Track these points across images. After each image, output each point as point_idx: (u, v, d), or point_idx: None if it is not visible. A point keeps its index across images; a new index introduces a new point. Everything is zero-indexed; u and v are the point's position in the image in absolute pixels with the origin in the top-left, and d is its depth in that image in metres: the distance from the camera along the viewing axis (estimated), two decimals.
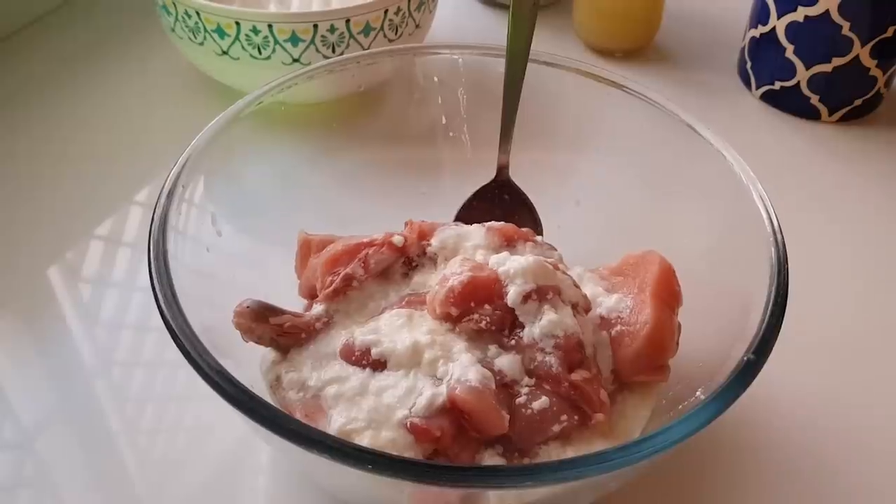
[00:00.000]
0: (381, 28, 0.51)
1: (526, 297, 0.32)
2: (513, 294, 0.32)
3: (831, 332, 0.43)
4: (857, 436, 0.38)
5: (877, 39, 0.53)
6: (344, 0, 0.62)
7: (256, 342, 0.33)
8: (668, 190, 0.40)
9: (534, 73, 0.41)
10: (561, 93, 0.42)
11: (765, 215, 0.32)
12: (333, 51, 0.50)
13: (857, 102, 0.57)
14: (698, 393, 0.29)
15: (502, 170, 0.42)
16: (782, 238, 0.31)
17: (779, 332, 0.28)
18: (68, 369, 0.40)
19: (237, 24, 0.49)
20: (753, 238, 0.32)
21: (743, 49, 0.61)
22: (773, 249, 0.31)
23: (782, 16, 0.55)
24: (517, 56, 0.40)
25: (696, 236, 0.37)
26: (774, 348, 0.28)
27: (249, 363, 0.33)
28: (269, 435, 0.25)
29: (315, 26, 0.49)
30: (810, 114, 0.58)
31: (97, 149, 0.54)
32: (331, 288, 0.34)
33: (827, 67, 0.55)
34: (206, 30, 0.50)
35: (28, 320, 0.42)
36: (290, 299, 0.37)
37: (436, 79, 0.44)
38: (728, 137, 0.37)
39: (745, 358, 0.27)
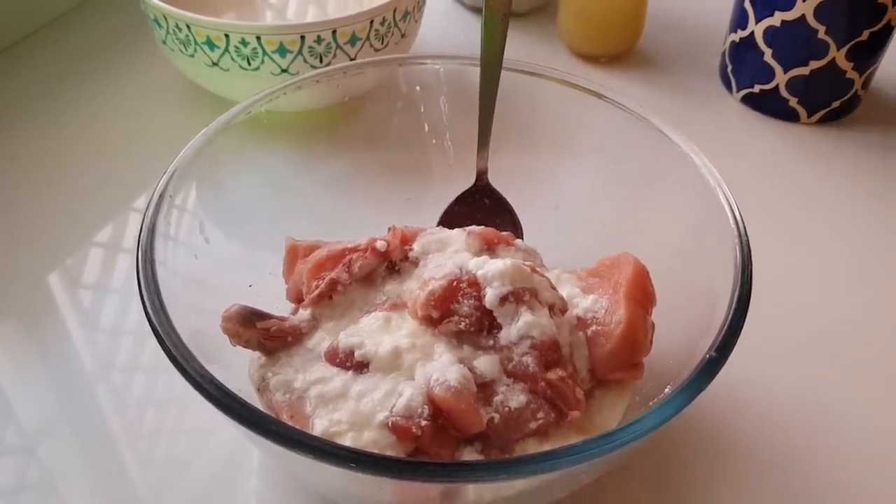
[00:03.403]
0: (368, 38, 0.52)
1: (503, 300, 0.32)
2: (490, 296, 0.33)
3: (808, 330, 0.44)
4: (828, 432, 0.39)
5: (852, 42, 0.54)
6: (339, 9, 0.63)
7: (244, 346, 0.34)
8: (643, 194, 0.41)
9: (514, 82, 0.42)
10: (540, 101, 0.43)
11: (730, 217, 0.33)
12: (321, 61, 0.51)
13: (835, 104, 0.58)
14: (667, 389, 0.30)
15: (481, 175, 0.43)
16: (747, 239, 0.32)
17: (741, 330, 0.29)
18: (69, 374, 0.40)
19: (226, 36, 0.50)
20: (720, 239, 0.33)
21: (724, 53, 0.62)
22: (737, 250, 0.32)
23: (760, 20, 0.57)
24: (490, 64, 0.41)
25: (669, 238, 0.38)
26: (750, 343, 0.29)
27: (238, 367, 0.34)
28: (254, 436, 0.26)
29: (302, 37, 0.50)
30: (789, 116, 0.59)
31: (95, 157, 0.55)
32: (316, 292, 0.35)
33: (804, 70, 0.56)
34: (196, 42, 0.51)
35: (29, 326, 0.43)
36: (278, 304, 0.38)
37: (418, 88, 0.45)
38: (709, 140, 0.38)
39: (708, 355, 0.28)
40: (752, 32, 0.57)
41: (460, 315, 0.33)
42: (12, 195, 0.51)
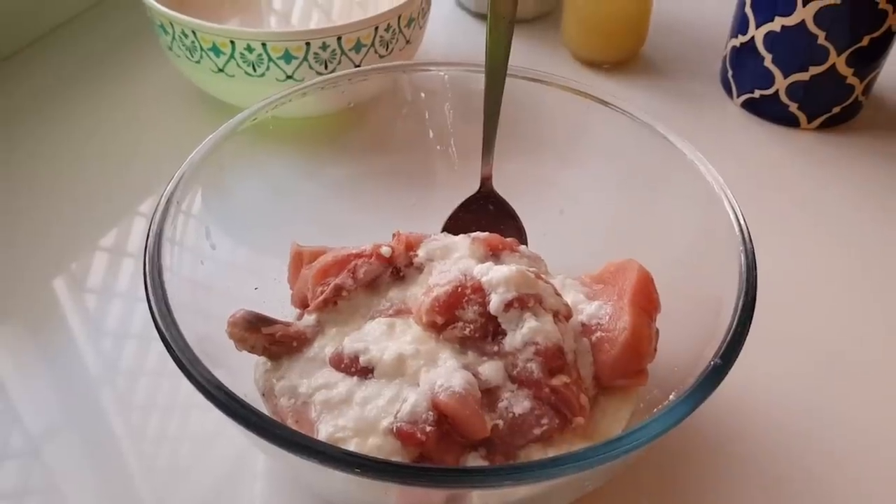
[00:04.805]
0: (372, 44, 0.52)
1: (508, 306, 0.33)
2: (495, 302, 0.33)
3: (813, 336, 0.44)
4: (833, 439, 0.39)
5: (853, 48, 0.55)
6: (343, 16, 0.64)
7: (250, 351, 0.34)
8: (647, 200, 0.41)
9: (519, 89, 0.42)
10: (545, 107, 0.44)
11: (734, 223, 0.33)
12: (326, 67, 0.52)
13: (836, 110, 0.58)
14: (672, 396, 0.30)
15: (486, 181, 0.43)
16: (751, 245, 0.32)
17: (746, 336, 0.29)
18: (73, 378, 0.41)
19: (232, 42, 0.50)
20: (724, 245, 0.33)
21: (724, 58, 0.63)
22: (741, 256, 0.32)
23: (760, 26, 0.57)
24: (495, 71, 0.41)
25: (673, 244, 0.38)
26: (754, 350, 0.29)
27: (243, 372, 0.34)
28: (260, 441, 0.27)
29: (307, 44, 0.50)
30: (790, 121, 0.60)
31: (100, 162, 0.55)
32: (321, 298, 0.35)
33: (804, 76, 0.56)
34: (202, 48, 0.51)
35: (34, 330, 0.43)
36: (283, 309, 0.38)
37: (423, 94, 0.46)
38: (710, 145, 0.38)
39: (713, 362, 0.28)
40: (753, 37, 0.58)
41: (465, 321, 0.33)
42: (18, 198, 0.52)
